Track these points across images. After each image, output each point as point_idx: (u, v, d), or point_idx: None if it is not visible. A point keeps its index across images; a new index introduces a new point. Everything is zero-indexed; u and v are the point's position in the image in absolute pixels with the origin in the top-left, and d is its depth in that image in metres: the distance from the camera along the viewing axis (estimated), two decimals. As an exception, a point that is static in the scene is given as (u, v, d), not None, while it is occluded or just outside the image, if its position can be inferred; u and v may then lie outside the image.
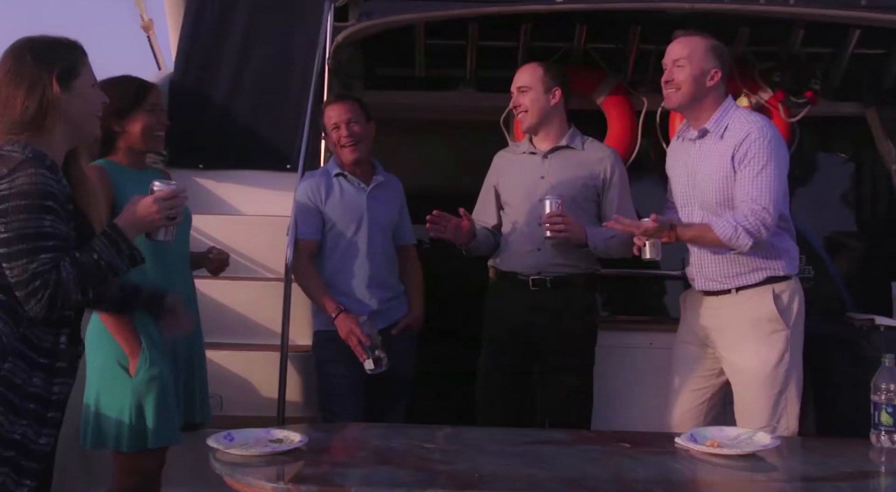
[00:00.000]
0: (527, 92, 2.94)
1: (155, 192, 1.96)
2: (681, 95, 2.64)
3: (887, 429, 2.14)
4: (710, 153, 2.67)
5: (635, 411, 3.31)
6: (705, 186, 2.67)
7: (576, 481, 1.88)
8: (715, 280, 2.68)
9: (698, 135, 2.70)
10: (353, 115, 2.92)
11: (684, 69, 2.62)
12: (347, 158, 2.94)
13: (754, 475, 1.98)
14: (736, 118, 2.67)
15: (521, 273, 2.96)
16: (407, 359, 2.99)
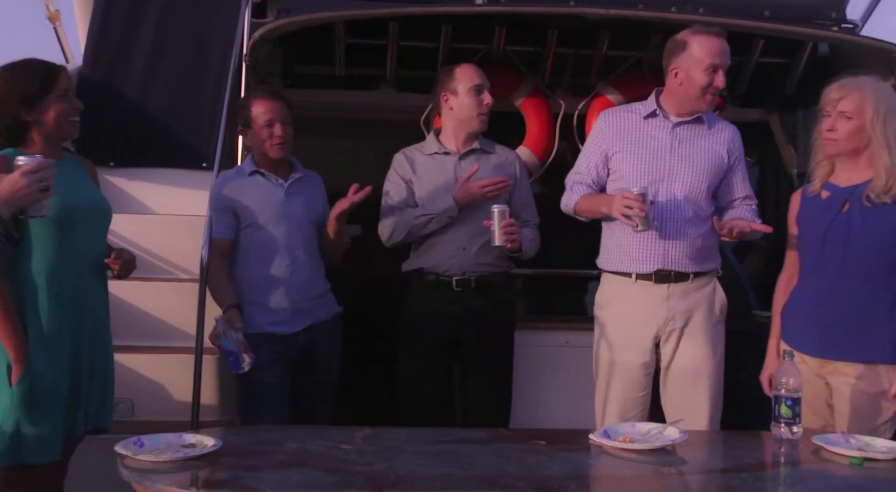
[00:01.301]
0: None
1: (20, 166, 1.89)
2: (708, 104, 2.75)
3: (787, 421, 2.24)
4: (702, 139, 2.78)
5: (553, 408, 3.38)
6: (700, 169, 2.75)
7: (492, 479, 1.90)
8: (676, 262, 2.74)
9: (690, 120, 2.77)
10: (283, 113, 2.88)
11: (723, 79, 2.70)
12: (274, 156, 2.89)
13: (663, 469, 2.04)
14: (711, 115, 2.85)
15: (444, 273, 2.98)
16: (331, 362, 2.96)
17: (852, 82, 2.51)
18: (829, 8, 3.37)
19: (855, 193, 2.52)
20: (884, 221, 2.47)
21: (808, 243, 2.60)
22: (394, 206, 3.05)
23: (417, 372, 3.01)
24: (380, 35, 3.48)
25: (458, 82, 2.99)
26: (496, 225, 2.78)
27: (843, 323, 2.50)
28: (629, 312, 2.78)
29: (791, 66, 3.55)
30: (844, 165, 2.56)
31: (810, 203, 2.62)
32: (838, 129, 2.49)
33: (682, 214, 2.72)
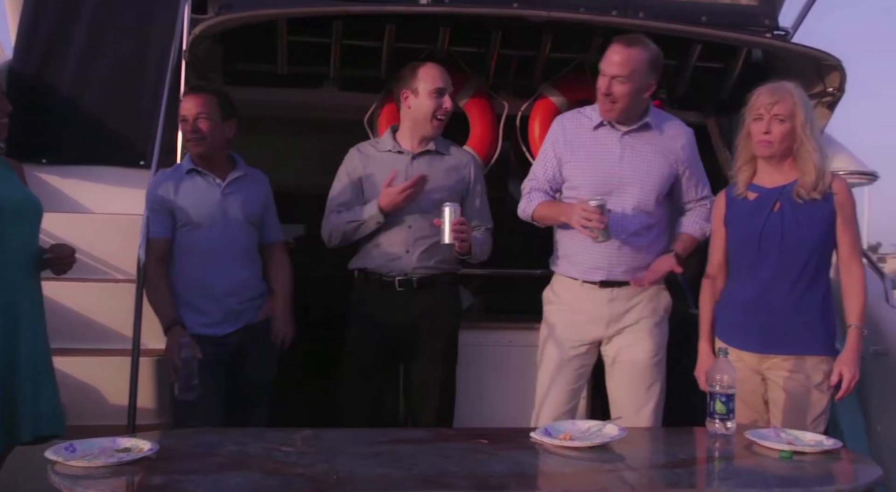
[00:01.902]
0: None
1: None
2: (618, 110, 2.74)
3: (721, 417, 2.31)
4: (650, 148, 2.80)
5: (497, 408, 3.40)
6: (649, 181, 2.78)
7: (433, 478, 1.90)
8: (622, 273, 2.78)
9: (636, 128, 2.80)
10: (205, 109, 2.82)
11: (625, 86, 2.70)
12: (193, 153, 2.86)
13: (603, 466, 2.07)
14: (666, 118, 2.90)
15: (387, 274, 2.97)
16: (265, 364, 2.92)
17: (782, 88, 2.61)
18: (762, 15, 3.46)
19: (784, 192, 2.62)
20: (816, 216, 2.59)
21: (741, 244, 2.68)
22: (333, 209, 3.04)
23: (360, 373, 2.99)
24: (323, 33, 3.45)
25: (420, 82, 2.96)
26: (446, 223, 2.77)
27: (781, 319, 2.59)
28: (574, 310, 2.84)
29: (727, 71, 3.64)
30: (769, 167, 2.66)
31: (738, 205, 2.70)
32: (773, 131, 2.58)
33: (629, 226, 2.76)
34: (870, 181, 3.89)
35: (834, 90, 3.27)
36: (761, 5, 3.48)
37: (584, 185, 2.79)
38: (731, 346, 2.62)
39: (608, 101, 2.71)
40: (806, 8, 3.68)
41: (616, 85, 2.68)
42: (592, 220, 2.60)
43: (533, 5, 3.16)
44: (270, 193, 3.02)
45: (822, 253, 2.62)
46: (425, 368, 3.02)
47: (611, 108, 2.73)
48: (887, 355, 3.13)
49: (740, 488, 1.92)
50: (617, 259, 2.77)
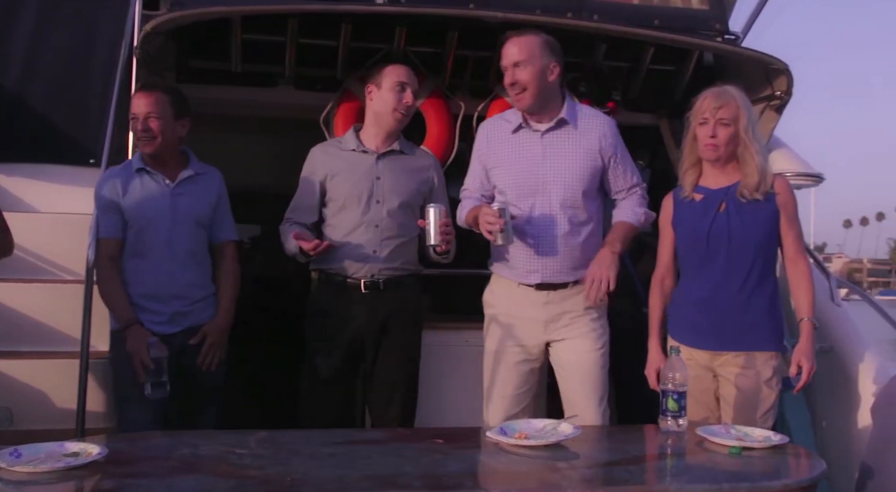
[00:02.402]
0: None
1: None
2: (529, 96, 2.75)
3: (673, 414, 2.35)
4: (570, 144, 2.81)
5: (456, 407, 3.40)
6: (572, 178, 2.78)
7: (389, 479, 1.90)
8: (557, 274, 2.79)
9: (554, 126, 2.81)
10: (155, 108, 2.76)
11: (526, 69, 2.72)
12: (143, 152, 2.81)
13: (557, 464, 2.09)
14: (584, 111, 2.89)
15: (352, 276, 2.95)
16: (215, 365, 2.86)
17: (726, 92, 2.68)
18: (713, 19, 3.53)
19: (729, 193, 2.69)
20: (759, 216, 2.66)
21: (690, 244, 2.73)
22: (288, 217, 3.03)
23: (322, 374, 2.97)
24: (278, 32, 3.42)
25: (384, 77, 2.98)
26: (432, 224, 2.75)
27: (731, 317, 2.65)
28: (511, 311, 2.85)
29: (679, 74, 3.70)
30: (714, 169, 2.73)
31: (685, 206, 2.76)
32: (718, 135, 2.64)
33: (558, 227, 2.78)
34: (815, 183, 3.99)
35: (782, 94, 3.35)
36: (712, 10, 3.54)
37: (509, 189, 2.82)
38: (684, 344, 2.68)
39: (517, 90, 2.74)
40: (755, 13, 3.76)
41: (518, 72, 2.72)
42: (493, 223, 2.64)
43: (489, 6, 3.17)
44: (224, 192, 2.97)
45: (767, 252, 2.69)
46: (390, 370, 3.00)
47: (522, 96, 2.75)
48: (832, 352, 3.21)
49: (691, 484, 1.96)
50: (551, 260, 2.78)
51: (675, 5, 3.59)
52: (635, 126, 3.84)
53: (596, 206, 2.89)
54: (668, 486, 1.95)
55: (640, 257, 3.76)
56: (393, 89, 2.95)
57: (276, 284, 3.85)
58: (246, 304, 3.07)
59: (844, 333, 3.22)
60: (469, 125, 3.72)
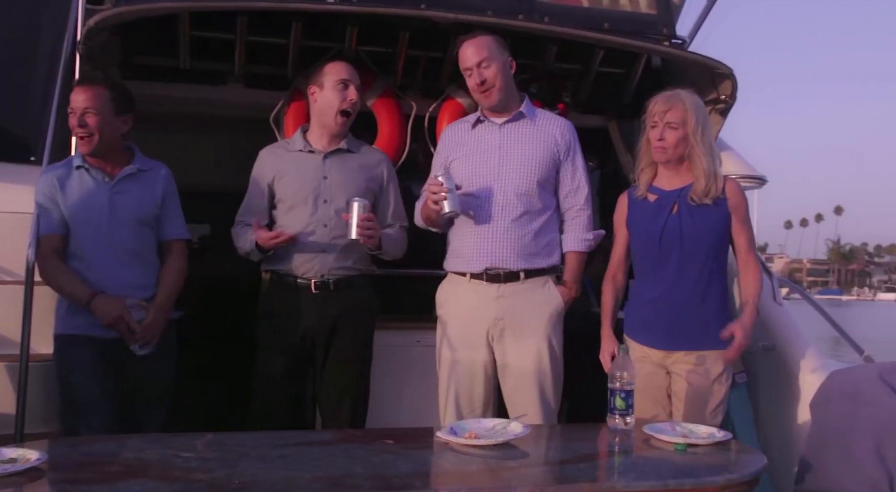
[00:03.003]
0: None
1: None
2: (497, 91, 2.82)
3: (621, 412, 2.38)
4: (528, 135, 2.88)
5: (407, 408, 3.40)
6: (528, 164, 2.84)
7: (338, 480, 1.89)
8: (506, 260, 2.82)
9: (511, 118, 2.88)
10: (94, 104, 2.68)
11: (491, 67, 2.80)
12: (80, 150, 2.73)
13: (507, 463, 2.11)
14: (544, 112, 2.98)
15: (303, 276, 2.92)
16: (161, 368, 2.80)
17: (675, 95, 2.74)
18: (660, 24, 3.58)
19: (681, 195, 2.75)
20: (708, 220, 2.73)
21: (644, 244, 2.78)
22: (240, 219, 3.01)
23: (273, 375, 2.94)
24: (227, 29, 3.37)
25: (326, 76, 2.98)
26: (354, 218, 2.76)
27: (684, 316, 2.72)
28: (463, 310, 2.88)
29: (628, 77, 3.75)
30: (668, 170, 2.79)
31: (639, 206, 2.81)
32: (667, 138, 2.70)
33: (511, 212, 2.82)
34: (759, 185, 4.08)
35: (726, 98, 3.42)
36: (660, 14, 3.60)
37: (466, 177, 2.87)
38: (639, 343, 2.76)
39: (484, 89, 2.82)
40: (701, 18, 3.85)
41: (484, 70, 2.81)
42: (436, 191, 2.69)
43: (441, 7, 3.18)
44: (171, 188, 2.88)
45: (718, 253, 2.76)
46: (341, 370, 2.99)
47: (490, 93, 2.83)
48: (774, 350, 3.29)
49: (638, 481, 1.99)
50: (501, 245, 2.81)
51: (624, 9, 3.64)
52: (585, 128, 3.87)
53: (552, 201, 2.92)
54: (616, 483, 1.98)
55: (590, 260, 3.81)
56: (335, 88, 2.95)
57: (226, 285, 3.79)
58: (196, 304, 3.02)
59: (786, 332, 3.30)
60: (420, 125, 3.72)
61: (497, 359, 2.88)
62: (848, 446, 2.48)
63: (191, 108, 3.78)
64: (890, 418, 2.40)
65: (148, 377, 2.73)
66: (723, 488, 1.99)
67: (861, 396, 2.56)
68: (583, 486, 1.91)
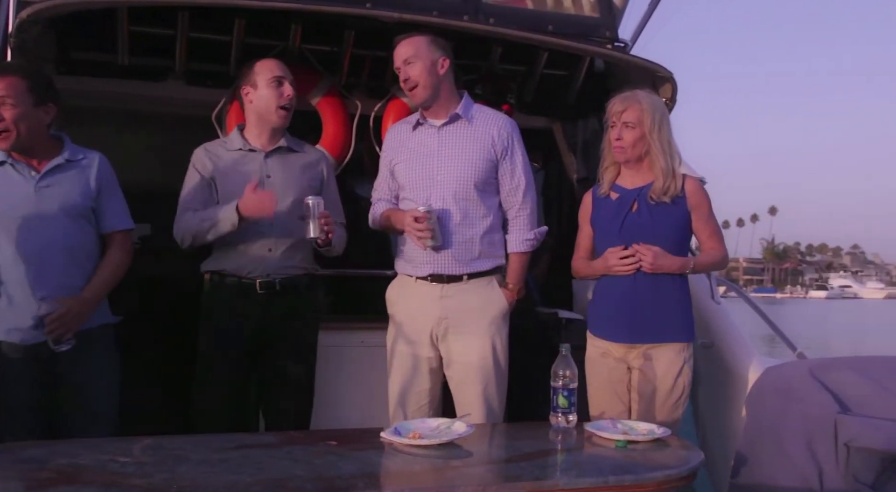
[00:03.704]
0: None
1: None
2: (422, 90, 2.83)
3: (563, 411, 2.41)
4: (464, 137, 2.88)
5: (350, 408, 3.39)
6: (464, 169, 2.84)
7: (280, 483, 1.87)
8: (449, 266, 2.83)
9: (448, 120, 2.88)
10: (10, 92, 2.49)
11: (416, 65, 2.81)
12: (0, 147, 2.56)
13: (451, 462, 2.11)
14: (480, 109, 2.96)
15: (247, 276, 2.88)
16: (102, 372, 2.68)
17: (632, 96, 2.80)
18: (603, 27, 3.63)
19: (641, 193, 2.82)
20: (666, 219, 2.80)
21: (606, 241, 2.85)
22: (187, 208, 2.92)
23: (215, 376, 2.90)
24: (168, 25, 3.31)
25: (258, 75, 2.93)
26: (313, 217, 2.74)
27: (647, 311, 2.78)
28: (410, 309, 2.89)
29: (571, 79, 3.80)
30: (629, 169, 2.86)
31: (602, 204, 2.88)
32: (624, 137, 2.77)
33: (451, 219, 2.83)
34: (699, 186, 4.17)
35: (667, 100, 3.48)
36: (602, 18, 3.65)
37: (407, 183, 2.90)
38: (601, 338, 2.83)
39: (410, 86, 2.85)
40: (642, 22, 3.92)
41: (409, 68, 2.83)
42: (421, 229, 2.73)
43: (386, 6, 3.17)
44: (109, 177, 2.72)
45: (679, 250, 2.83)
46: (285, 371, 2.96)
47: (415, 92, 2.85)
48: (712, 348, 3.38)
49: (579, 478, 2.01)
50: (443, 252, 2.83)
51: (568, 12, 3.68)
52: (529, 129, 3.91)
53: (494, 201, 2.93)
54: (558, 481, 2.00)
55: (536, 262, 3.85)
56: (270, 85, 2.92)
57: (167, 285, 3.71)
58: (135, 306, 2.95)
59: (723, 330, 3.39)
60: (366, 125, 3.71)
61: (443, 357, 2.90)
62: (781, 440, 2.56)
63: (130, 104, 3.69)
64: (819, 414, 2.48)
65: (87, 385, 2.60)
66: (661, 483, 2.03)
67: (793, 392, 2.64)
68: (525, 484, 1.93)
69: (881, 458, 2.26)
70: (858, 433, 2.34)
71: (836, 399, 2.51)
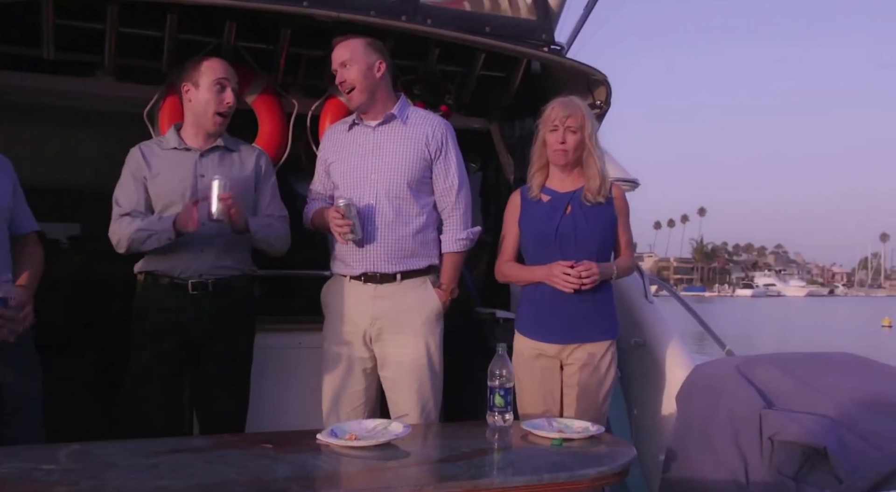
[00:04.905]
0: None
1: None
2: (358, 93, 2.85)
3: (500, 410, 2.44)
4: (398, 137, 2.90)
5: (287, 411, 3.35)
6: (397, 168, 2.86)
7: (213, 487, 1.84)
8: (381, 264, 2.84)
9: (382, 121, 2.90)
10: None
11: (352, 68, 2.82)
12: None
13: (387, 463, 2.12)
14: (416, 111, 3.00)
15: (179, 276, 2.82)
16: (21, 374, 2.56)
17: (573, 102, 2.91)
18: (539, 30, 3.67)
19: (574, 196, 2.91)
20: (600, 221, 2.91)
21: (538, 243, 2.90)
22: (122, 212, 2.86)
23: (147, 379, 2.83)
24: (96, 18, 3.21)
25: (202, 75, 2.88)
26: (213, 196, 2.70)
27: (580, 311, 2.86)
28: (343, 310, 2.89)
29: (508, 80, 3.83)
30: (561, 173, 2.93)
31: (532, 207, 2.93)
32: (567, 141, 2.86)
33: (383, 217, 2.85)
34: (632, 188, 4.27)
35: (601, 103, 3.55)
36: (539, 20, 3.69)
37: (341, 182, 2.92)
38: (535, 339, 2.88)
39: (347, 89, 2.87)
40: (578, 26, 3.98)
41: (346, 71, 2.85)
42: (340, 224, 2.74)
43: (323, 5, 3.14)
44: (15, 179, 2.64)
45: (607, 251, 2.95)
46: (219, 374, 2.91)
47: (352, 95, 2.87)
48: (645, 347, 3.45)
49: (515, 477, 2.04)
50: (375, 249, 2.84)
51: (505, 14, 3.71)
52: (467, 130, 3.94)
53: (429, 201, 2.95)
54: (494, 479, 2.02)
55: (475, 262, 3.88)
56: (211, 89, 2.87)
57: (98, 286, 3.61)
58: (65, 307, 2.86)
59: (655, 329, 3.47)
60: (303, 124, 3.67)
61: (377, 358, 2.89)
62: (709, 436, 2.63)
63: (57, 100, 3.57)
64: (745, 410, 2.56)
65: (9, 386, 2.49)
66: (595, 479, 2.07)
67: (720, 389, 2.72)
68: (462, 484, 1.94)
69: (802, 450, 2.34)
70: (781, 427, 2.42)
71: (761, 395, 2.59)
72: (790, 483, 2.33)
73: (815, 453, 2.32)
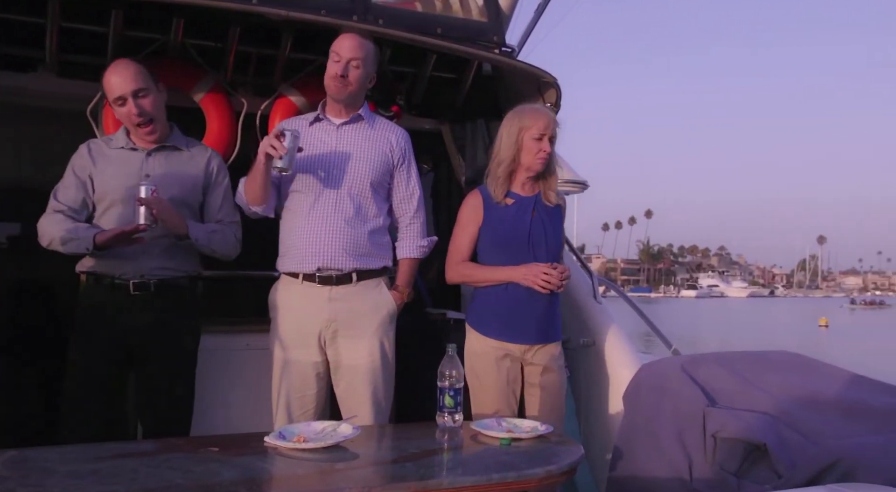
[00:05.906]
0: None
1: None
2: (350, 91, 2.85)
3: (450, 410, 2.44)
4: (364, 138, 2.91)
5: (235, 413, 3.30)
6: (362, 166, 2.87)
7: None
8: (337, 259, 2.81)
9: (349, 120, 2.90)
10: None
11: (359, 71, 2.84)
12: None
13: (336, 465, 2.10)
14: (380, 118, 3.04)
15: (120, 276, 2.77)
16: None
17: (548, 112, 3.00)
18: (491, 32, 3.70)
19: (537, 200, 2.98)
20: (559, 220, 3.03)
21: (506, 245, 2.93)
22: (56, 208, 2.79)
23: (88, 382, 2.77)
24: (37, 13, 3.12)
25: (107, 92, 2.81)
26: (142, 203, 2.66)
27: (543, 312, 2.92)
28: (296, 312, 2.86)
29: (459, 82, 3.84)
30: (527, 178, 2.97)
31: (496, 209, 2.96)
32: (548, 149, 2.93)
33: (343, 212, 2.84)
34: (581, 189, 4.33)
35: (552, 105, 3.59)
36: (490, 23, 3.71)
37: (301, 175, 2.88)
38: (502, 340, 2.90)
39: (342, 82, 2.84)
40: (529, 28, 4.02)
41: (352, 69, 2.84)
42: (276, 145, 2.67)
43: (273, 3, 3.11)
44: None
45: (561, 250, 3.07)
46: (163, 376, 2.85)
47: (343, 90, 2.86)
48: (593, 346, 3.50)
49: (464, 477, 2.04)
50: (332, 244, 2.82)
51: (457, 16, 3.73)
52: (418, 131, 3.94)
53: (384, 205, 2.97)
54: (443, 480, 2.02)
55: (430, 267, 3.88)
56: (115, 105, 2.82)
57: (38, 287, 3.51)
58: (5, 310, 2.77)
59: (603, 329, 3.51)
60: (252, 123, 3.62)
61: (330, 360, 2.88)
62: (655, 434, 2.68)
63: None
64: (689, 408, 2.61)
65: None
66: (543, 479, 2.09)
67: (666, 387, 2.77)
68: (411, 484, 1.94)
69: (744, 447, 2.39)
70: (724, 425, 2.47)
71: (705, 393, 2.65)
72: (732, 479, 2.38)
73: (755, 450, 2.37)
